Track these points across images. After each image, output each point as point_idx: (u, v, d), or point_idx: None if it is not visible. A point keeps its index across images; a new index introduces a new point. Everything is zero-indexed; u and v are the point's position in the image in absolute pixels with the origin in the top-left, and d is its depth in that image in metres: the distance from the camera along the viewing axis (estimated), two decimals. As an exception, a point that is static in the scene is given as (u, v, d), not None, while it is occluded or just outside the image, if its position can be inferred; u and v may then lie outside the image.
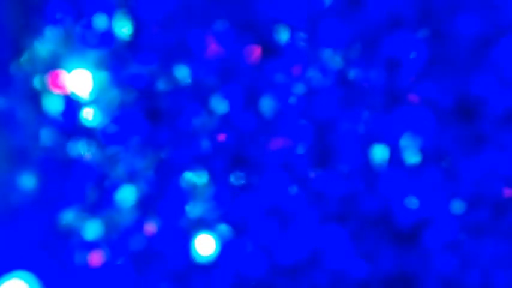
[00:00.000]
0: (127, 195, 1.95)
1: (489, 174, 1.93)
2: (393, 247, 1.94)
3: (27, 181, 1.95)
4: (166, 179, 1.95)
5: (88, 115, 1.95)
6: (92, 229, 1.95)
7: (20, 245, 1.93)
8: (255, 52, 1.93)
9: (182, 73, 1.94)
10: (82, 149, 1.95)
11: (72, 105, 1.95)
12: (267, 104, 1.94)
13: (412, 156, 1.94)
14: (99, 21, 1.94)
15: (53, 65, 1.94)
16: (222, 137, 1.94)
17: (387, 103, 1.92)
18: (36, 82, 1.95)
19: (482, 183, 1.93)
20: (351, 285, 1.94)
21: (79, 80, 1.94)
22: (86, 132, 1.94)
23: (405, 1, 1.92)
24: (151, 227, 1.95)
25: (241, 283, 1.95)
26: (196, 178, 1.95)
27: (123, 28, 1.94)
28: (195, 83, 1.94)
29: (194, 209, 1.95)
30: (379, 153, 1.94)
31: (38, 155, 1.95)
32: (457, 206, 1.94)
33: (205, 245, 1.94)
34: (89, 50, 1.93)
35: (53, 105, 1.95)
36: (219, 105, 1.94)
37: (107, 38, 1.93)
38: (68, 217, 1.95)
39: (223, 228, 1.94)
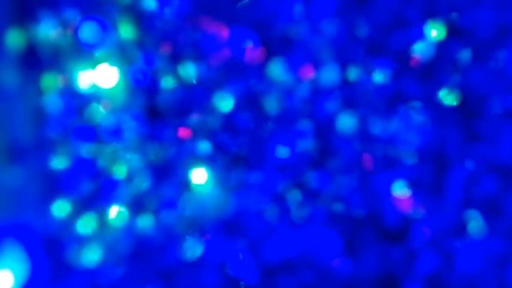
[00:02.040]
0: (124, 192, 1.95)
1: (481, 174, 1.94)
2: (381, 246, 1.95)
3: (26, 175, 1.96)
4: (164, 177, 1.96)
5: (90, 111, 1.95)
6: (86, 225, 1.94)
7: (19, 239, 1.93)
8: (258, 51, 1.95)
9: (187, 71, 1.95)
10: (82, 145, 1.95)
11: (74, 101, 1.95)
12: (269, 104, 1.95)
13: (407, 157, 1.95)
14: (104, 18, 1.95)
15: (56, 60, 1.94)
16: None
17: (386, 102, 1.94)
18: (39, 77, 1.95)
19: (473, 183, 1.94)
20: (338, 284, 1.94)
21: (83, 76, 1.95)
22: (87, 128, 1.95)
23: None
24: (145, 224, 1.95)
25: (229, 282, 1.95)
26: (194, 177, 1.96)
27: (128, 25, 1.95)
28: (198, 81, 1.94)
29: (190, 208, 1.95)
30: (374, 151, 1.95)
31: (38, 150, 1.95)
32: (448, 206, 1.95)
33: (196, 243, 1.95)
34: (93, 46, 1.94)
35: (55, 100, 1.96)
36: (222, 103, 1.95)
37: (111, 34, 1.94)
38: (63, 212, 1.95)
39: (215, 226, 1.95)
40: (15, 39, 1.96)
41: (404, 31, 1.93)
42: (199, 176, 1.96)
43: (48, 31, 1.94)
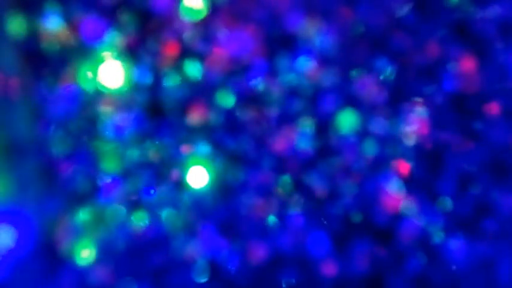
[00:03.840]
0: (122, 189, 1.95)
1: (475, 173, 1.97)
2: (371, 246, 1.96)
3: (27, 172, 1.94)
4: (162, 175, 1.96)
5: (91, 108, 1.95)
6: (82, 221, 1.94)
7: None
8: (260, 50, 1.97)
9: (191, 70, 1.96)
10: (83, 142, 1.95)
11: (77, 98, 1.95)
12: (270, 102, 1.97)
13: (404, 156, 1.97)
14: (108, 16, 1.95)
15: (59, 57, 1.94)
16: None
17: (386, 101, 1.96)
18: (41, 73, 1.94)
19: (468, 182, 1.97)
20: (327, 283, 1.96)
21: (88, 74, 1.95)
22: (89, 125, 1.94)
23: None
24: (139, 222, 1.95)
25: (220, 280, 1.96)
26: (192, 175, 1.97)
27: (132, 23, 1.95)
28: (200, 80, 1.95)
29: (186, 206, 1.96)
30: (369, 151, 1.97)
31: (37, 146, 1.94)
32: (441, 206, 1.97)
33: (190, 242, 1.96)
34: (96, 44, 1.94)
35: (56, 97, 1.95)
36: (223, 101, 1.97)
37: (114, 32, 1.94)
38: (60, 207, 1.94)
39: (210, 225, 1.95)
40: (17, 34, 1.95)
41: (405, 31, 1.95)
42: (197, 174, 1.96)
43: (51, 28, 1.93)
